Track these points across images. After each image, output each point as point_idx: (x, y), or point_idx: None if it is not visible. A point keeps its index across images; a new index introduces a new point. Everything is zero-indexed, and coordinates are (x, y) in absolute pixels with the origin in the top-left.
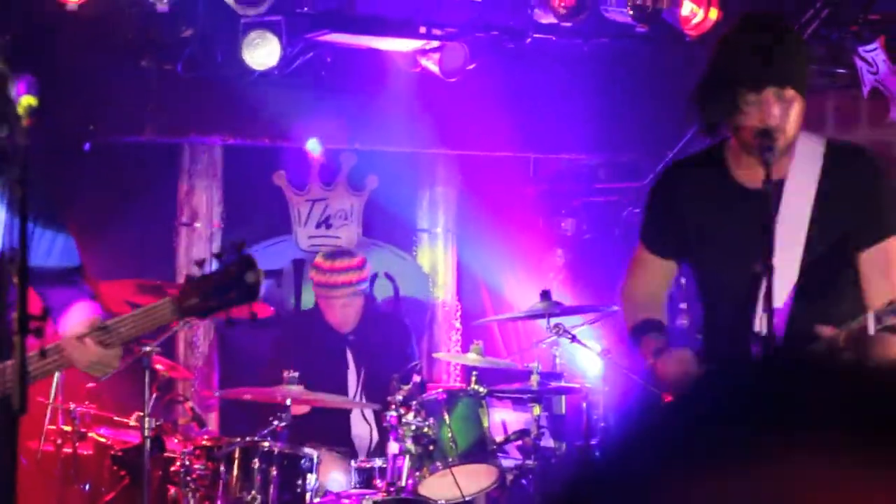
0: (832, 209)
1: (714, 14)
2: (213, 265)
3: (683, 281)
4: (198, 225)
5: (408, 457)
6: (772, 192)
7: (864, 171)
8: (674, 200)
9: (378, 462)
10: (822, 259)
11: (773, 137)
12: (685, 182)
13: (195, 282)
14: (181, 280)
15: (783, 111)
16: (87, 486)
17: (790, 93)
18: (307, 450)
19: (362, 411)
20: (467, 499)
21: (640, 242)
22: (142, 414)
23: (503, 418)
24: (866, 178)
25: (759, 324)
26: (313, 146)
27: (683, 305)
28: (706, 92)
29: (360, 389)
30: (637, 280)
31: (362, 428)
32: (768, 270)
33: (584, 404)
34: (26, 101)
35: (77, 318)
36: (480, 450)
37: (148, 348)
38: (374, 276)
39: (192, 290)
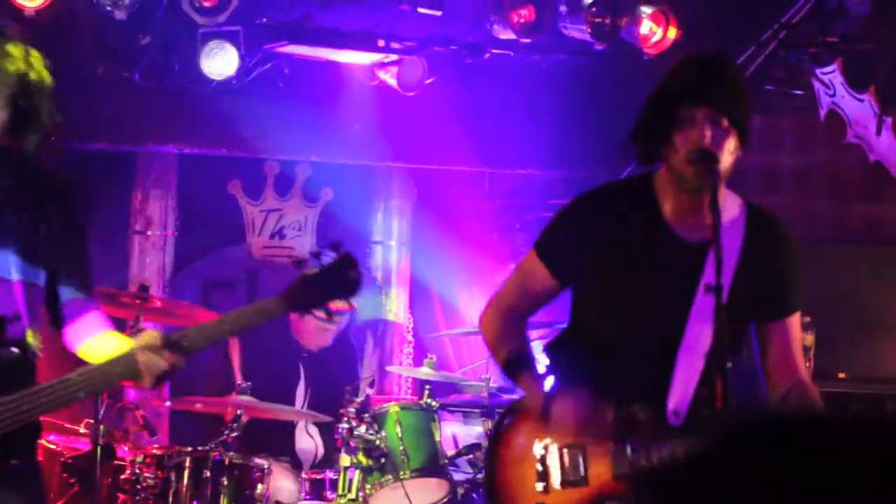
0: (749, 277)
1: (672, 33)
2: (312, 263)
3: None
4: (151, 233)
5: (359, 469)
6: (712, 209)
7: (782, 244)
8: (591, 224)
9: (329, 474)
10: (737, 313)
11: (712, 158)
12: (611, 209)
13: (303, 280)
14: (134, 288)
15: (716, 137)
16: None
17: (725, 122)
18: (258, 460)
19: (307, 426)
20: None
21: (533, 251)
22: (92, 421)
23: (454, 432)
24: (784, 252)
25: (675, 399)
26: None
27: None
28: (644, 115)
29: (306, 403)
30: (515, 291)
31: (307, 442)
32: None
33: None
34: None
35: (91, 328)
36: (432, 463)
37: None
38: None
39: (300, 287)
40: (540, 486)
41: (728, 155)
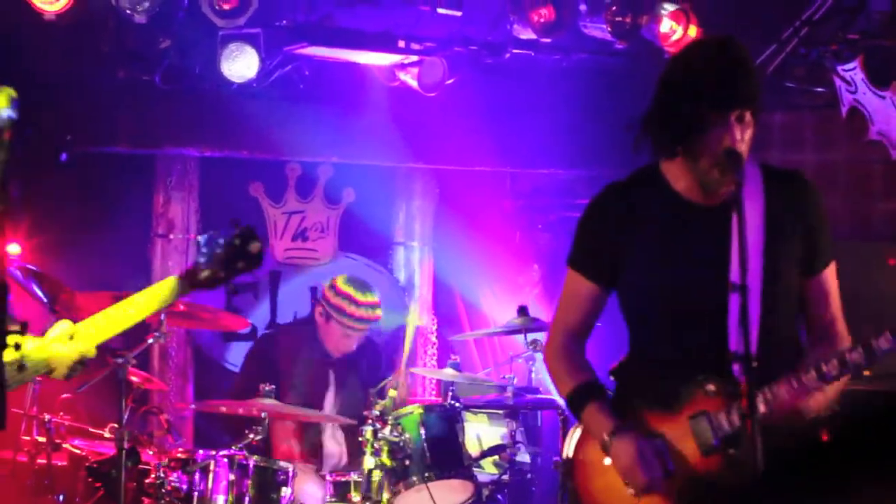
0: (780, 232)
1: (693, 31)
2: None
3: None
4: (173, 236)
5: (384, 471)
6: (737, 210)
7: (806, 198)
8: (613, 221)
9: (353, 476)
10: (777, 280)
11: (740, 158)
12: (623, 202)
13: (203, 256)
14: None
15: (743, 134)
16: (61, 498)
17: (748, 116)
18: (282, 463)
19: (333, 432)
20: None
21: (569, 269)
22: (117, 425)
23: (478, 433)
24: (809, 206)
25: (736, 343)
26: None
27: None
28: (664, 115)
29: (335, 411)
30: (564, 313)
31: (333, 447)
32: (743, 289)
33: (560, 419)
34: (6, 114)
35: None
36: (456, 464)
37: (122, 360)
38: None
39: (202, 266)
40: (630, 490)
41: (748, 144)
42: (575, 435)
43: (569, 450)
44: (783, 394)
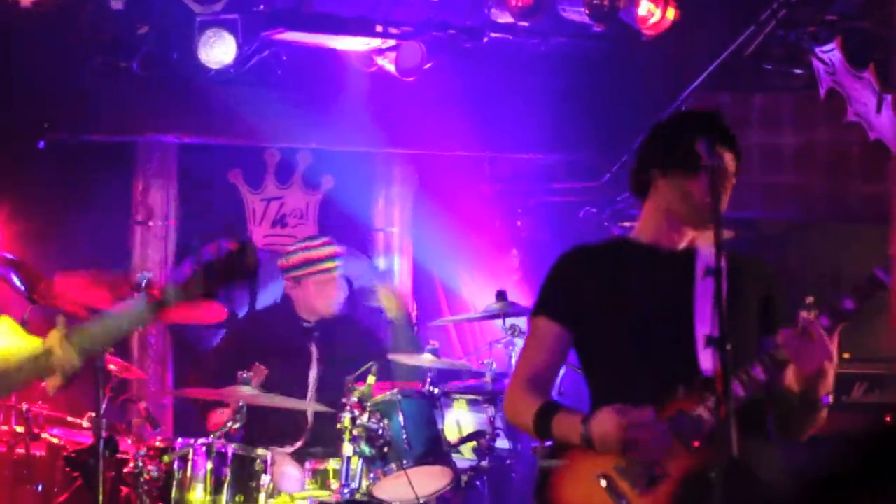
0: (739, 315)
1: (671, 13)
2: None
3: None
4: (153, 223)
5: (362, 458)
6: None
7: (761, 280)
8: (579, 273)
9: (332, 463)
10: (737, 326)
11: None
12: (591, 258)
13: (198, 270)
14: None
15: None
16: (39, 487)
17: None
18: (260, 451)
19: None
20: (422, 500)
21: (534, 318)
22: (95, 415)
23: (458, 419)
24: (769, 288)
25: (704, 364)
26: None
27: None
28: (666, 145)
29: (315, 386)
30: (529, 360)
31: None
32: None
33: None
34: None
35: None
36: (435, 451)
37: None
38: None
39: (198, 279)
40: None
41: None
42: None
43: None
44: (761, 373)
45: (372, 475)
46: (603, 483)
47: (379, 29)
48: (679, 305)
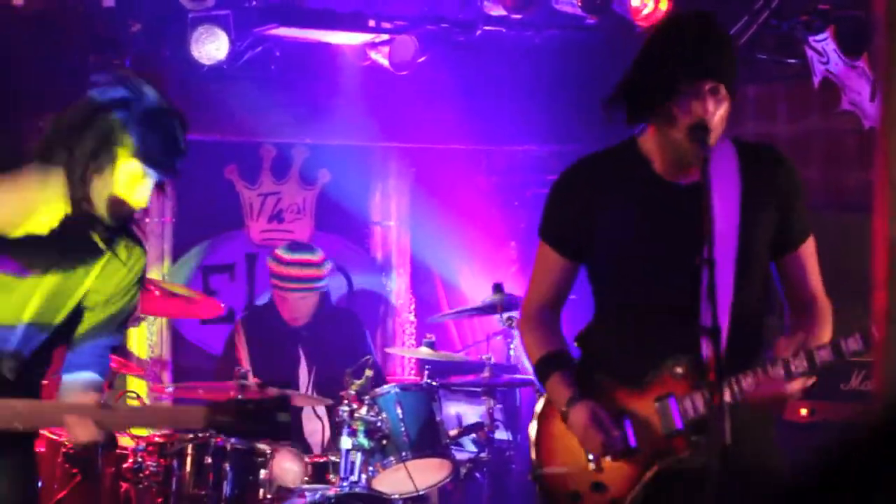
0: (755, 209)
1: (664, 4)
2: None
3: None
4: (149, 220)
5: (361, 452)
6: (703, 183)
7: (780, 173)
8: (585, 193)
9: (331, 457)
10: (751, 257)
11: (707, 131)
12: (597, 174)
13: (234, 404)
14: None
15: (715, 107)
16: (39, 484)
17: (723, 91)
18: (260, 445)
19: (314, 408)
20: (421, 493)
21: (540, 241)
22: None
23: (458, 411)
24: (784, 180)
25: (704, 319)
26: None
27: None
28: (638, 81)
29: (311, 385)
30: (536, 286)
31: (314, 424)
32: (709, 264)
33: (538, 396)
34: None
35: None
36: (434, 443)
37: None
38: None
39: (229, 410)
40: (592, 464)
41: (722, 120)
42: (539, 404)
43: (534, 421)
44: (751, 385)
45: (371, 468)
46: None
47: (372, 23)
48: (685, 257)
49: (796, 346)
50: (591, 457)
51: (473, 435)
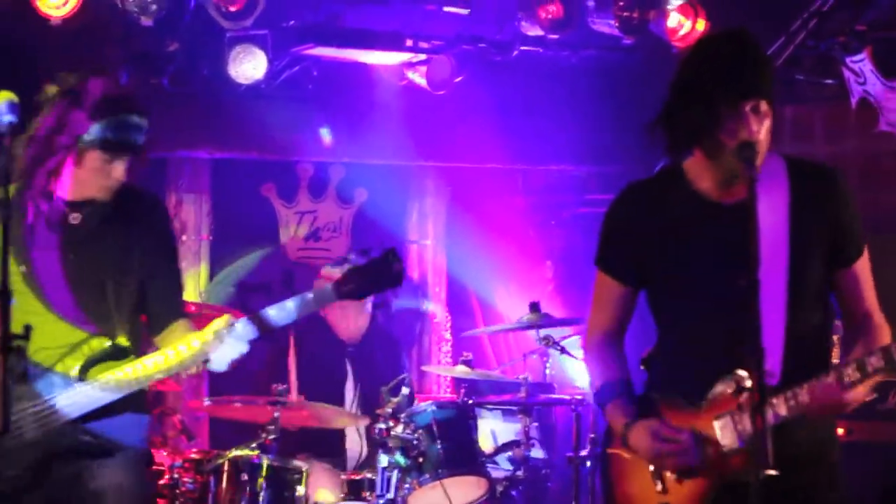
0: (805, 226)
1: (701, 25)
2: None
3: None
4: (186, 237)
5: (397, 469)
6: (749, 204)
7: (832, 189)
8: (635, 220)
9: (367, 474)
10: (803, 274)
11: (755, 151)
12: (646, 200)
13: (350, 272)
14: None
15: (759, 125)
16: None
17: (765, 106)
18: (296, 462)
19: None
20: None
21: (598, 271)
22: None
23: (493, 429)
24: (836, 196)
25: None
26: (325, 133)
27: None
28: (678, 112)
29: (356, 402)
30: (597, 313)
31: (354, 440)
32: (754, 285)
33: (575, 415)
34: (7, 119)
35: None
36: (470, 461)
37: None
38: None
39: (351, 279)
40: (658, 486)
41: (767, 136)
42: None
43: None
44: (806, 397)
45: (407, 485)
46: (651, 467)
47: (409, 43)
48: (739, 269)
49: (860, 350)
50: (657, 480)
51: (509, 453)
